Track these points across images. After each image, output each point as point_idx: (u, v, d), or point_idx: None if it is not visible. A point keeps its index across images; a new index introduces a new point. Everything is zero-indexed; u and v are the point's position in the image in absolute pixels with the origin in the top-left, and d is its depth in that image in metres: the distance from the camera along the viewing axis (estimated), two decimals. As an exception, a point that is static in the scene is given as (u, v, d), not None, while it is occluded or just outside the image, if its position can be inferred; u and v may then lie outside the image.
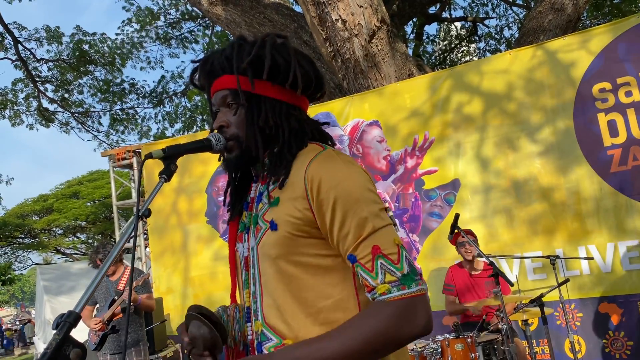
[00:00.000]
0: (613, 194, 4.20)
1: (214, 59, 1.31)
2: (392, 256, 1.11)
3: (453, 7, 12.53)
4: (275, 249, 1.19)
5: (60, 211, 20.53)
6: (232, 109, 1.29)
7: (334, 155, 1.21)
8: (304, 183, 1.18)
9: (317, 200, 1.15)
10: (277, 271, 1.20)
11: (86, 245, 23.65)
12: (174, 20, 12.20)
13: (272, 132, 1.28)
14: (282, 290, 1.20)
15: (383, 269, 1.10)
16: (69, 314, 0.97)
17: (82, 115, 12.05)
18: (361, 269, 1.12)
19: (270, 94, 1.28)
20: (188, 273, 5.62)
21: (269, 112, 1.27)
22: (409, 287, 1.09)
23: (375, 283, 1.10)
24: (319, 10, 5.11)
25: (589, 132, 4.33)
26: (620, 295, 4.15)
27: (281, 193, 1.22)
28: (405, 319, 1.08)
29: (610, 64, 4.30)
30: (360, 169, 1.21)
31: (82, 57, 10.84)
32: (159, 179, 1.18)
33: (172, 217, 5.82)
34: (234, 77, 1.27)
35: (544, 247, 4.36)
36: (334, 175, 1.16)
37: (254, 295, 1.26)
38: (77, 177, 22.13)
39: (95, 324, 4.47)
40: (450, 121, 4.82)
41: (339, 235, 1.15)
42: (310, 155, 1.22)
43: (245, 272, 1.29)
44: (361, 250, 1.12)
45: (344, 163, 1.19)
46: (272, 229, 1.20)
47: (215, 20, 7.01)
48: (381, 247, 1.11)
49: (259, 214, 1.27)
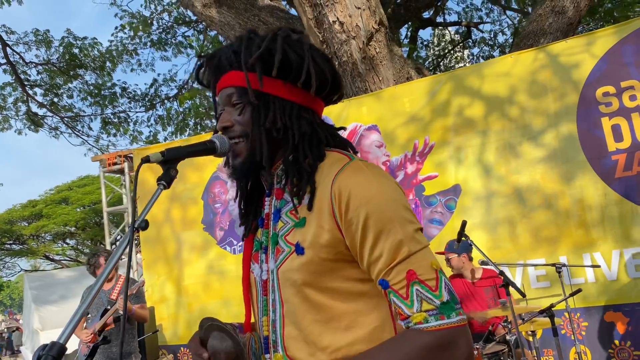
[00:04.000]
0: (618, 200, 4.11)
1: (222, 54, 1.18)
2: (430, 282, 0.99)
3: (447, 12, 12.49)
4: (301, 274, 1.07)
5: (50, 217, 20.23)
6: (238, 108, 1.16)
7: (363, 167, 1.08)
8: (330, 199, 1.05)
9: (346, 219, 1.03)
10: (303, 299, 1.08)
11: (75, 252, 23.34)
12: (167, 26, 12.06)
13: (280, 135, 1.14)
14: (310, 321, 1.07)
15: (419, 296, 0.98)
16: (52, 345, 0.83)
17: (72, 119, 11.86)
18: (394, 296, 1.00)
19: (280, 94, 1.15)
20: (182, 282, 5.47)
21: (278, 112, 1.14)
22: (448, 316, 0.97)
23: (410, 312, 0.99)
24: (315, 12, 5.01)
25: (592, 137, 4.24)
26: (626, 303, 4.05)
27: (308, 213, 1.09)
28: (443, 351, 0.96)
29: (614, 68, 4.22)
30: (393, 184, 1.08)
31: (72, 61, 10.66)
32: (157, 186, 1.05)
33: (166, 225, 5.67)
34: (241, 74, 1.14)
35: (548, 255, 4.26)
36: (365, 191, 1.03)
37: (274, 324, 1.13)
38: (67, 183, 21.84)
39: (86, 336, 4.30)
40: (450, 125, 4.72)
41: (369, 258, 1.03)
42: (335, 167, 1.09)
43: (263, 296, 1.16)
44: (395, 275, 1.00)
45: (375, 176, 1.06)
46: (298, 252, 1.08)
47: (209, 23, 6.89)
48: (417, 272, 1.00)
49: (279, 234, 1.13)
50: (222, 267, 5.34)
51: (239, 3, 6.47)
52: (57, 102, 11.54)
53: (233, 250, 5.39)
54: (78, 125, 11.92)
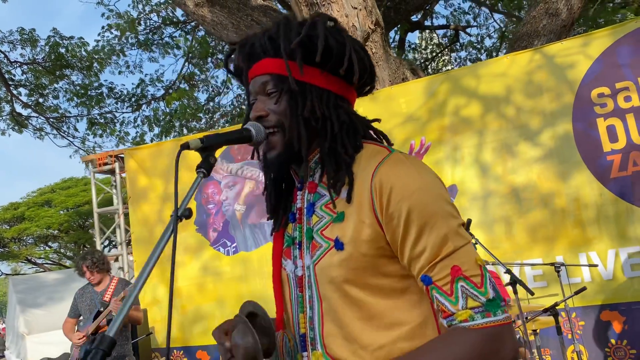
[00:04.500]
0: (613, 200, 4.14)
1: (255, 40, 1.14)
2: (475, 278, 0.96)
3: (435, 16, 12.56)
4: (341, 271, 1.03)
5: (32, 220, 19.88)
6: (273, 97, 1.11)
7: (404, 159, 1.05)
8: (370, 192, 1.02)
9: (387, 213, 1.00)
10: (343, 296, 1.04)
11: (58, 255, 22.98)
12: (154, 26, 11.95)
13: (319, 125, 1.10)
14: (351, 318, 1.04)
15: (464, 292, 0.95)
16: (102, 339, 0.79)
17: (58, 120, 11.67)
18: (437, 292, 0.97)
19: (318, 82, 1.11)
20: (175, 283, 5.39)
21: (316, 101, 1.09)
22: (494, 314, 0.95)
23: (454, 309, 0.95)
24: (312, 11, 4.99)
25: (588, 137, 4.28)
26: (622, 302, 4.09)
27: (346, 207, 1.05)
28: (491, 351, 0.93)
29: (609, 69, 4.27)
30: (435, 177, 1.05)
31: (58, 60, 10.49)
32: (197, 174, 1.01)
33: (158, 226, 5.58)
34: (276, 61, 1.10)
35: (544, 254, 4.28)
36: (407, 184, 1.00)
37: (311, 321, 1.09)
38: (50, 185, 21.49)
39: (78, 338, 4.20)
40: (447, 126, 4.72)
41: (411, 254, 0.99)
42: (375, 159, 1.06)
43: (299, 293, 1.12)
44: (438, 271, 0.97)
45: (417, 169, 1.03)
46: (337, 248, 1.04)
47: (201, 22, 6.83)
48: (462, 267, 0.96)
49: (315, 229, 1.10)
50: (217, 269, 5.28)
51: (231, 2, 6.42)
52: (42, 103, 11.34)
53: (227, 251, 5.33)
54: (64, 126, 11.73)
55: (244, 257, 5.23)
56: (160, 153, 5.74)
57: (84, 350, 0.91)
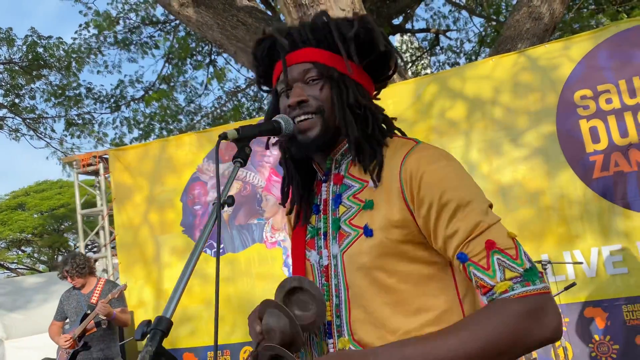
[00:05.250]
0: (596, 199, 4.25)
1: (292, 31, 1.18)
2: (510, 251, 0.99)
3: (415, 19, 12.70)
4: (371, 257, 1.07)
5: (5, 224, 19.45)
6: (315, 84, 1.15)
7: (431, 148, 1.11)
8: (399, 180, 1.06)
9: (418, 197, 1.04)
10: (371, 282, 1.07)
11: (32, 260, 22.49)
12: (133, 26, 11.81)
13: (361, 114, 1.15)
14: (379, 304, 1.07)
15: (501, 265, 0.97)
16: (159, 320, 0.80)
17: (34, 121, 11.44)
18: (474, 268, 1.00)
19: (355, 76, 1.17)
20: (161, 285, 5.34)
21: (357, 93, 1.15)
22: (533, 283, 0.96)
23: (493, 282, 0.97)
24: (300, 12, 5.01)
25: (571, 138, 4.39)
26: (604, 299, 4.19)
27: (375, 194, 1.09)
28: (535, 319, 0.93)
29: (591, 72, 4.38)
30: (460, 163, 1.10)
31: (35, 60, 10.29)
32: (234, 164, 1.03)
33: (144, 228, 5.52)
34: (319, 51, 1.15)
35: (530, 252, 4.35)
36: (437, 170, 1.05)
37: (337, 308, 1.11)
38: (24, 188, 21.03)
39: (65, 341, 4.13)
40: (433, 127, 4.79)
41: (445, 233, 1.03)
42: (403, 149, 1.11)
43: (324, 282, 1.14)
44: (473, 247, 1.00)
45: (444, 156, 1.09)
46: (367, 235, 1.07)
47: (186, 22, 6.79)
48: (496, 241, 0.99)
49: (342, 218, 1.13)
50: (203, 270, 5.24)
51: (217, 3, 6.39)
52: (18, 103, 11.10)
53: (214, 253, 5.30)
54: (40, 127, 11.50)
55: (231, 258, 5.21)
56: (146, 154, 5.69)
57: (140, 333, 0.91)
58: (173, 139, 5.93)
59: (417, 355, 0.94)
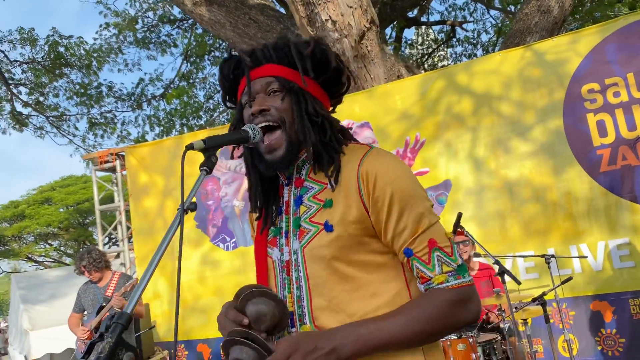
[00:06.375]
0: (603, 194, 4.25)
1: (256, 50, 1.30)
2: (447, 249, 1.17)
3: (431, 12, 12.63)
4: (331, 249, 1.19)
5: (32, 218, 19.99)
6: (276, 95, 1.26)
7: (385, 153, 1.24)
8: (357, 181, 1.19)
9: (373, 196, 1.18)
10: (332, 272, 1.20)
11: (58, 253, 23.08)
12: (152, 24, 12.01)
13: (319, 123, 1.26)
14: (339, 291, 1.19)
15: (440, 260, 1.16)
16: (120, 315, 0.90)
17: (57, 119, 11.74)
18: (418, 262, 1.17)
19: (312, 90, 1.30)
20: (175, 278, 5.48)
21: (315, 105, 1.27)
22: (463, 276, 1.16)
23: (432, 274, 1.16)
24: (308, 10, 5.08)
25: (578, 132, 4.38)
26: (611, 293, 4.20)
27: (334, 194, 1.21)
28: (462, 305, 1.15)
29: (599, 65, 4.36)
30: (409, 167, 1.27)
31: (57, 59, 10.56)
32: (200, 172, 1.12)
33: (158, 220, 5.69)
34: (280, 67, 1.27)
35: (537, 247, 4.38)
36: (389, 172, 1.18)
37: (299, 299, 1.23)
38: (50, 183, 21.57)
39: (82, 332, 4.32)
40: (440, 122, 4.82)
41: (395, 231, 1.18)
42: (359, 153, 1.23)
43: (286, 276, 1.26)
44: (418, 244, 1.17)
45: (395, 160, 1.23)
46: (328, 230, 1.20)
47: (199, 21, 6.91)
48: (437, 240, 1.17)
49: (303, 217, 1.25)
50: (216, 262, 5.38)
51: (229, 1, 6.50)
52: (42, 102, 11.41)
53: (226, 247, 5.44)
54: (64, 125, 11.81)
55: (243, 251, 5.34)
56: (160, 150, 5.84)
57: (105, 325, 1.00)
58: (187, 136, 6.09)
59: (368, 333, 1.11)
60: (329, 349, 1.09)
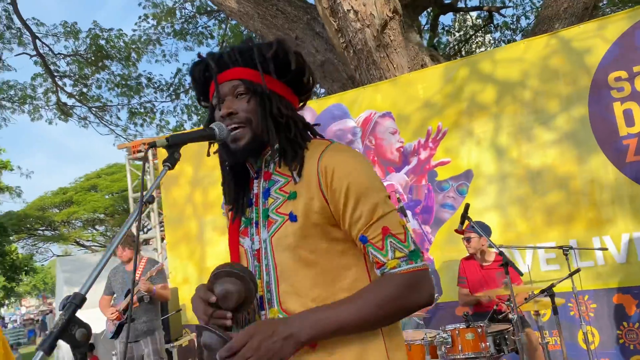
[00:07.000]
0: (628, 184, 4.14)
1: (223, 54, 1.37)
2: (400, 235, 1.24)
3: (468, -2, 12.38)
4: (295, 238, 1.27)
5: (80, 204, 20.88)
6: (242, 98, 1.33)
7: (343, 147, 1.32)
8: (317, 174, 1.26)
9: (331, 188, 1.25)
10: (296, 259, 1.28)
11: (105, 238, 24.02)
12: (189, 15, 12.26)
13: (284, 123, 1.34)
14: (303, 277, 1.27)
15: (393, 246, 1.23)
16: (74, 295, 1.01)
17: (100, 109, 12.20)
18: (372, 248, 1.24)
19: (278, 90, 1.36)
20: (204, 263, 5.69)
21: (280, 104, 1.34)
22: (415, 262, 1.23)
23: (385, 259, 1.23)
24: (330, 1, 5.11)
25: (604, 121, 4.27)
26: (635, 286, 4.10)
27: (297, 187, 1.29)
28: (413, 289, 1.22)
29: (627, 52, 4.23)
30: (366, 160, 1.32)
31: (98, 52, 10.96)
32: (163, 167, 1.21)
33: (188, 208, 5.88)
34: (246, 70, 1.34)
35: (559, 237, 4.32)
36: (346, 165, 1.26)
37: (268, 285, 1.31)
38: (96, 171, 22.45)
39: (111, 314, 4.56)
40: (463, 111, 4.78)
41: (351, 219, 1.25)
42: (319, 148, 1.31)
43: (256, 264, 1.34)
44: (372, 232, 1.24)
45: (352, 154, 1.30)
46: (292, 220, 1.28)
47: (229, 13, 7.04)
48: (390, 228, 1.24)
49: (270, 208, 1.32)
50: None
51: (257, -7, 6.59)
52: (85, 93, 11.88)
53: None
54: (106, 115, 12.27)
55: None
56: (190, 140, 6.01)
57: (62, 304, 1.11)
58: (215, 126, 6.22)
59: (325, 318, 1.20)
60: (287, 334, 1.17)
